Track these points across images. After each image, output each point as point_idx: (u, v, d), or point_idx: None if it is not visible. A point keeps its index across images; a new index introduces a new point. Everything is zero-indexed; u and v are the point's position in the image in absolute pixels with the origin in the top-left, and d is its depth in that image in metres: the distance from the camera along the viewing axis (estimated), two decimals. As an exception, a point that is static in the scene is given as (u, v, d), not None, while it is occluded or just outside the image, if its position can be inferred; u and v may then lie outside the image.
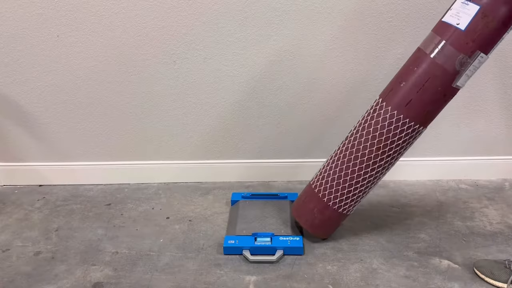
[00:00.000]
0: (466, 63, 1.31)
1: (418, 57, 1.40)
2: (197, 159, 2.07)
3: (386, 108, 1.44)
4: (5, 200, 2.00)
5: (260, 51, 1.83)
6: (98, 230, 1.78)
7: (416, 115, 1.41)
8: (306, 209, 1.63)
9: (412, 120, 1.41)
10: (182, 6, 1.75)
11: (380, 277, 1.51)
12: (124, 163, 2.07)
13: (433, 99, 1.38)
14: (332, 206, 1.57)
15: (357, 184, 1.52)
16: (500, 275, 1.45)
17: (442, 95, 1.37)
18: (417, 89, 1.38)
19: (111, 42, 1.81)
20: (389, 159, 1.49)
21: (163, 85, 1.90)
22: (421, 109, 1.40)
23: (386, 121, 1.43)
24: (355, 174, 1.51)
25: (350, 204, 1.57)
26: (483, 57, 1.31)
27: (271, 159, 2.07)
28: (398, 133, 1.43)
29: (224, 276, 1.52)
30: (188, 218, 1.85)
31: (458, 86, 1.37)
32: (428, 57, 1.37)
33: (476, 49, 1.29)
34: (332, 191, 1.55)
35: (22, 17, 1.76)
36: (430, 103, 1.39)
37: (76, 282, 1.51)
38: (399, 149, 1.47)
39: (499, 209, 1.87)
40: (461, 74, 1.33)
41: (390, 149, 1.46)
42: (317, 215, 1.60)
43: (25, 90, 1.90)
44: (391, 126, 1.43)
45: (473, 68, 1.33)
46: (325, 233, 1.66)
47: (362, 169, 1.50)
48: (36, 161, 2.07)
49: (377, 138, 1.45)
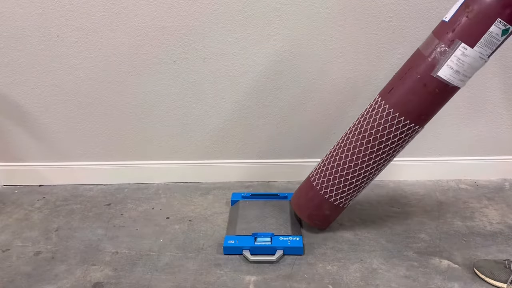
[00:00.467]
0: (445, 52, 1.30)
1: (415, 51, 1.43)
2: (197, 159, 2.07)
3: (377, 99, 1.47)
4: (5, 200, 2.00)
5: (260, 51, 1.83)
6: (98, 230, 1.78)
7: (398, 104, 1.41)
8: (304, 201, 1.67)
9: (397, 111, 1.41)
10: (182, 6, 1.75)
11: (380, 277, 1.51)
12: (124, 163, 2.07)
13: (413, 87, 1.38)
14: (328, 199, 1.61)
15: (353, 179, 1.55)
16: (500, 275, 1.45)
17: (422, 85, 1.36)
18: (399, 77, 1.41)
19: (111, 42, 1.81)
20: (384, 155, 1.49)
21: (163, 85, 1.90)
22: (403, 99, 1.40)
23: (383, 118, 1.45)
24: (350, 170, 1.53)
25: (346, 197, 1.60)
26: (468, 50, 1.28)
27: (271, 159, 2.07)
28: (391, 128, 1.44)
29: (224, 276, 1.52)
30: (188, 218, 1.85)
31: (442, 79, 1.34)
32: (419, 51, 1.40)
33: (455, 39, 1.28)
34: (329, 185, 1.58)
35: (22, 17, 1.76)
36: (410, 92, 1.38)
37: (76, 282, 1.51)
38: (393, 146, 1.47)
39: (499, 209, 1.87)
40: (441, 63, 1.32)
41: (380, 143, 1.47)
42: (313, 207, 1.64)
43: (25, 90, 1.90)
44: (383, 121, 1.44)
45: (458, 60, 1.30)
46: (322, 225, 1.69)
47: (357, 165, 1.52)
48: (36, 161, 2.07)
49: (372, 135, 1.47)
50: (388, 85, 1.46)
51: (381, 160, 1.51)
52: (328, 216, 1.67)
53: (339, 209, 1.65)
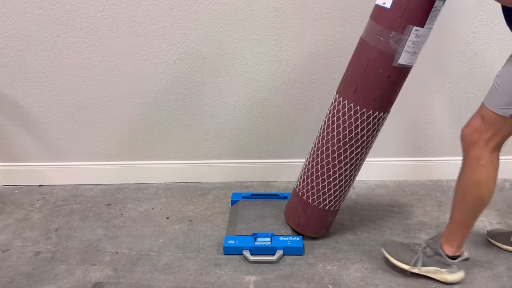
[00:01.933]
0: (401, 40, 1.29)
1: (359, 44, 1.39)
2: (197, 159, 2.07)
3: (338, 100, 1.45)
4: (5, 200, 2.00)
5: (260, 51, 1.83)
6: (98, 230, 1.78)
7: (366, 101, 1.39)
8: (292, 210, 1.67)
9: (363, 107, 1.40)
10: (182, 6, 1.75)
11: (380, 277, 1.51)
12: (124, 163, 2.07)
13: (378, 82, 1.36)
14: (312, 203, 1.59)
15: (335, 180, 1.53)
16: (405, 257, 1.48)
17: (386, 77, 1.35)
18: (360, 75, 1.38)
19: (111, 42, 1.81)
20: (358, 150, 1.47)
21: (163, 85, 1.90)
22: (370, 95, 1.38)
23: (346, 115, 1.43)
24: (330, 172, 1.51)
25: (333, 200, 1.58)
26: (420, 30, 1.28)
27: (271, 159, 2.07)
28: (357, 123, 1.42)
29: (224, 276, 1.52)
30: (188, 218, 1.85)
31: (403, 65, 1.34)
32: (365, 42, 1.36)
33: (406, 24, 1.27)
34: (315, 192, 1.57)
35: (22, 17, 1.76)
36: (376, 86, 1.37)
37: (76, 282, 1.51)
38: (365, 139, 1.45)
39: (499, 209, 1.87)
40: (399, 52, 1.31)
41: (357, 141, 1.45)
42: (301, 215, 1.63)
43: (25, 90, 1.90)
44: (346, 117, 1.43)
45: (413, 43, 1.30)
46: (315, 232, 1.67)
47: (335, 166, 1.50)
48: (36, 161, 2.07)
49: (341, 134, 1.45)
50: (349, 85, 1.42)
51: (359, 155, 1.49)
52: (319, 222, 1.64)
53: (329, 213, 1.62)
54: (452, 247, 1.42)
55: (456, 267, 1.44)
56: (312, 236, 1.68)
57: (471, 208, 1.36)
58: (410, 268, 1.47)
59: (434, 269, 1.45)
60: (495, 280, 1.49)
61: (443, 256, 1.43)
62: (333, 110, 1.47)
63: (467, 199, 1.35)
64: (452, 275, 1.44)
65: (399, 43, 1.29)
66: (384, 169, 2.07)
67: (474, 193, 1.33)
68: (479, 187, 1.32)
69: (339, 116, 1.44)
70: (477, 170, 1.30)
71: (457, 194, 1.38)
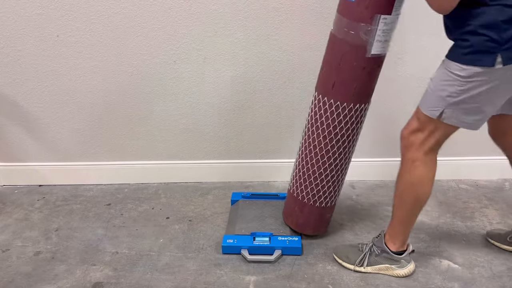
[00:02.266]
0: (370, 30, 1.29)
1: (330, 39, 1.39)
2: (197, 159, 2.07)
3: (318, 97, 1.45)
4: (5, 200, 2.00)
5: (260, 51, 1.83)
6: (98, 230, 1.78)
7: (345, 96, 1.39)
8: (289, 211, 1.67)
9: (344, 101, 1.40)
10: (182, 6, 1.75)
11: (380, 277, 1.51)
12: (124, 163, 2.07)
13: (354, 75, 1.36)
14: (308, 202, 1.59)
15: (327, 177, 1.53)
16: (354, 258, 1.53)
17: (361, 69, 1.36)
18: (335, 70, 1.38)
19: (111, 42, 1.81)
20: (345, 144, 1.48)
21: (163, 85, 1.90)
22: (348, 89, 1.38)
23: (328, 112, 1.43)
24: (321, 169, 1.52)
25: (328, 196, 1.58)
26: (388, 18, 1.28)
27: (271, 159, 2.07)
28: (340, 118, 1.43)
29: (224, 276, 1.52)
30: (188, 218, 1.85)
31: (376, 55, 1.34)
32: (335, 37, 1.36)
33: (374, 14, 1.26)
34: (309, 191, 1.57)
35: (22, 17, 1.76)
36: (353, 80, 1.37)
37: (76, 282, 1.51)
38: (350, 132, 1.46)
39: (499, 209, 1.87)
40: (371, 42, 1.31)
41: (342, 136, 1.46)
42: (299, 215, 1.63)
43: (25, 90, 1.90)
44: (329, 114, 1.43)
45: (383, 32, 1.30)
46: (314, 230, 1.68)
47: (325, 163, 1.51)
48: (36, 161, 2.07)
49: (326, 131, 1.45)
50: (327, 81, 1.42)
51: (347, 149, 1.50)
52: (317, 220, 1.64)
53: (325, 210, 1.63)
54: (396, 244, 1.48)
55: (405, 261, 1.49)
56: (312, 234, 1.68)
57: (409, 207, 1.43)
58: (354, 268, 1.53)
59: (385, 267, 1.50)
60: (495, 280, 1.49)
61: (389, 253, 1.48)
62: (314, 108, 1.48)
63: (405, 199, 1.41)
64: (402, 270, 1.49)
65: (369, 34, 1.30)
66: (384, 169, 2.07)
67: (411, 193, 1.40)
68: (415, 188, 1.38)
69: (321, 114, 1.45)
70: (413, 171, 1.36)
71: (396, 194, 1.44)
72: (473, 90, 1.19)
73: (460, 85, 1.19)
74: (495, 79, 1.16)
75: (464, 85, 1.19)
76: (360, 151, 2.04)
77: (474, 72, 1.16)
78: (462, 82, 1.18)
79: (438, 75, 1.26)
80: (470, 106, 1.22)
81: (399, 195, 1.42)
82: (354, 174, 2.10)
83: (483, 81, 1.17)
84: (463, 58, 1.17)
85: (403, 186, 1.40)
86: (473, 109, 1.23)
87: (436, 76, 1.27)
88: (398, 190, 1.42)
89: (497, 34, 1.11)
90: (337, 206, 1.90)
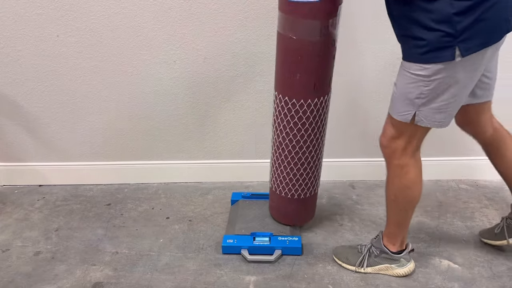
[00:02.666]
0: (335, 23, 1.34)
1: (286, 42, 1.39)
2: (197, 159, 2.07)
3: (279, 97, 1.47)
4: (5, 200, 2.00)
5: (260, 51, 1.83)
6: (98, 230, 1.78)
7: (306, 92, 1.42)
8: (277, 208, 1.70)
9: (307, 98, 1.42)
10: (181, 6, 1.75)
11: (380, 277, 1.51)
12: (124, 163, 2.07)
13: (314, 70, 1.39)
14: (292, 197, 1.61)
15: (306, 170, 1.56)
16: (353, 260, 1.54)
17: (321, 62, 1.40)
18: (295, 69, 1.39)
19: (111, 42, 1.80)
20: (312, 137, 1.50)
21: (163, 85, 1.90)
22: (308, 84, 1.41)
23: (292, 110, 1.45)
24: (299, 164, 1.54)
25: (310, 186, 1.61)
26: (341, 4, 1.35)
27: (271, 159, 2.07)
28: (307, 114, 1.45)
29: (224, 276, 1.52)
30: (188, 218, 1.85)
31: (334, 44, 1.40)
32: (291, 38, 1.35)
33: (337, 5, 1.32)
34: (291, 186, 1.59)
35: (22, 17, 1.76)
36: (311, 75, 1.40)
37: (76, 282, 1.51)
38: (315, 124, 1.48)
39: (499, 209, 1.87)
40: (335, 33, 1.36)
41: (306, 130, 1.48)
42: (287, 210, 1.66)
43: (25, 90, 1.90)
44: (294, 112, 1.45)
45: (339, 19, 1.36)
46: (305, 220, 1.72)
47: (301, 158, 1.53)
48: (36, 161, 2.06)
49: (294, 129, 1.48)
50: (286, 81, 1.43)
51: (315, 141, 1.52)
52: (313, 205, 1.70)
53: (314, 196, 1.67)
54: (395, 245, 1.49)
55: (404, 260, 1.49)
56: (304, 224, 1.73)
57: (404, 209, 1.43)
58: (355, 269, 1.53)
59: (385, 267, 1.50)
60: (495, 280, 1.49)
61: (388, 253, 1.48)
62: (278, 108, 1.49)
63: (399, 202, 1.42)
64: (402, 269, 1.50)
65: (334, 27, 1.34)
66: (384, 169, 2.06)
67: (405, 196, 1.40)
68: (409, 191, 1.39)
69: (285, 113, 1.46)
70: (403, 176, 1.37)
71: (389, 199, 1.44)
72: (439, 88, 1.19)
73: (425, 85, 1.19)
74: (457, 72, 1.17)
75: (429, 85, 1.19)
76: (360, 151, 2.05)
77: (436, 69, 1.16)
78: (427, 82, 1.19)
79: (401, 78, 1.25)
80: (439, 104, 1.22)
81: (393, 199, 1.42)
82: (354, 174, 2.10)
83: (446, 77, 1.17)
84: (422, 58, 1.17)
85: (395, 191, 1.40)
86: (442, 107, 1.23)
87: (399, 80, 1.26)
88: (390, 195, 1.43)
89: (451, 27, 1.11)
90: (337, 206, 1.91)
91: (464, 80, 1.20)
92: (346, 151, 2.05)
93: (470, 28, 1.11)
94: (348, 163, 2.08)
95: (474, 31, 1.12)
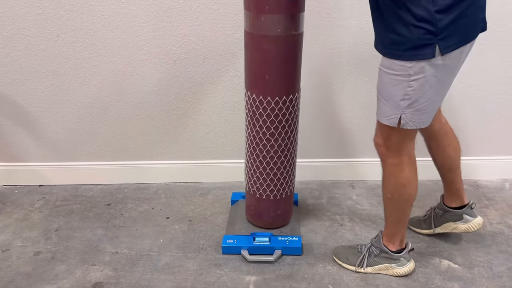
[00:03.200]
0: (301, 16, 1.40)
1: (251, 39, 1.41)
2: (197, 159, 2.07)
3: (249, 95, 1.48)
4: (5, 200, 2.00)
5: (260, 51, 1.83)
6: (98, 230, 1.78)
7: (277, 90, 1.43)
8: (248, 208, 1.70)
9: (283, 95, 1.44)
10: (181, 6, 1.75)
11: (380, 277, 1.51)
12: (124, 163, 2.07)
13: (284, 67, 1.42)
14: (260, 197, 1.61)
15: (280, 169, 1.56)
16: (353, 260, 1.54)
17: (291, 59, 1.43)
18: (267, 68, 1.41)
19: (111, 42, 1.81)
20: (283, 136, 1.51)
21: (163, 85, 1.90)
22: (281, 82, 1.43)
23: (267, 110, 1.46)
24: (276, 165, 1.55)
25: (286, 186, 1.61)
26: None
27: (271, 159, 2.07)
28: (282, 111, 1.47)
29: (224, 276, 1.52)
30: (188, 218, 1.85)
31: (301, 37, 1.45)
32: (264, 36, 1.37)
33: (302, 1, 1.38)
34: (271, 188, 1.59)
35: (22, 17, 1.76)
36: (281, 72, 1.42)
37: (76, 282, 1.51)
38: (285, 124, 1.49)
39: (499, 209, 1.87)
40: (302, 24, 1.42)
41: (276, 128, 1.49)
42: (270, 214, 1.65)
43: (25, 90, 1.90)
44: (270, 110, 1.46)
45: None
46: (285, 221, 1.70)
47: (274, 158, 1.53)
48: (36, 161, 2.07)
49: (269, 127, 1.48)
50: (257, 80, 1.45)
51: (287, 139, 1.52)
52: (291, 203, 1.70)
53: (290, 196, 1.67)
54: (395, 244, 1.49)
55: (404, 259, 1.49)
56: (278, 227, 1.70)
57: (401, 207, 1.43)
58: (355, 269, 1.53)
59: (384, 266, 1.50)
60: (495, 280, 1.49)
61: (388, 252, 1.48)
62: (250, 107, 1.50)
63: (396, 200, 1.42)
64: (402, 268, 1.49)
65: (302, 19, 1.39)
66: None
67: (401, 195, 1.40)
68: (405, 189, 1.39)
69: (261, 113, 1.47)
70: (399, 174, 1.37)
71: (386, 198, 1.44)
72: (422, 87, 1.20)
73: (408, 85, 1.20)
74: (439, 70, 1.17)
75: (412, 85, 1.19)
76: (360, 151, 2.05)
77: (419, 67, 1.16)
78: (410, 82, 1.19)
79: (383, 81, 1.26)
80: (423, 104, 1.23)
81: (389, 198, 1.43)
82: (354, 174, 2.10)
83: (428, 75, 1.18)
84: (404, 55, 1.17)
85: (392, 189, 1.40)
86: (426, 106, 1.24)
87: (381, 83, 1.27)
88: (387, 194, 1.43)
89: (433, 25, 1.11)
90: (337, 206, 1.91)
91: (444, 78, 1.21)
92: (346, 151, 2.05)
93: (450, 26, 1.12)
94: (348, 163, 2.08)
95: (453, 29, 1.13)
